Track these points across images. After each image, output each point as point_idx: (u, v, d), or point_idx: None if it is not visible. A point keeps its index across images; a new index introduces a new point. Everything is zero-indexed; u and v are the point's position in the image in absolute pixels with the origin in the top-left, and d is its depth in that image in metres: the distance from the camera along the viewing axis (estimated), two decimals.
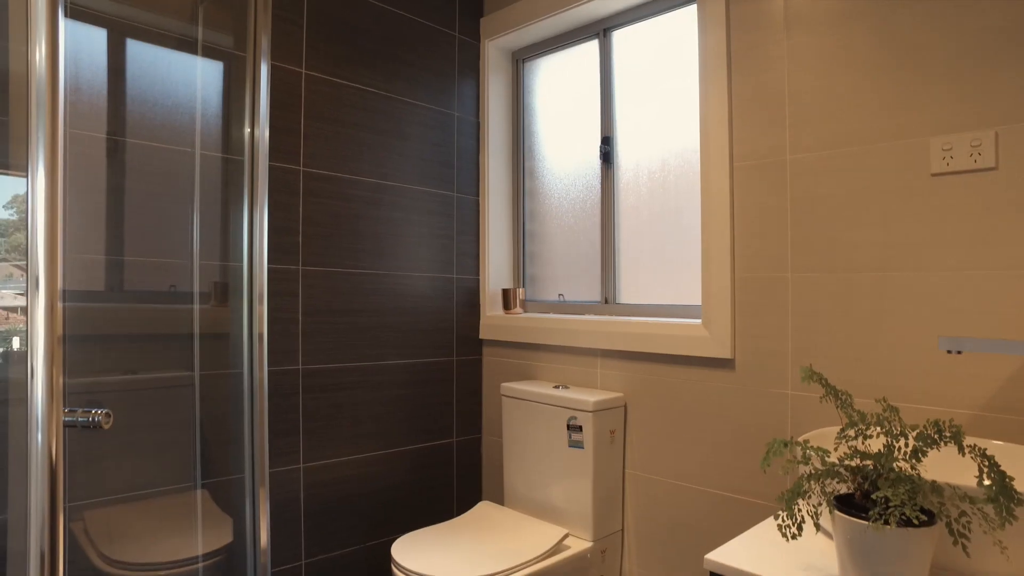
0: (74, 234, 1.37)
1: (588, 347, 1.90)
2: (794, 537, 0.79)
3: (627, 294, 1.98)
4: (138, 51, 1.45)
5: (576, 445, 1.75)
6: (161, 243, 1.47)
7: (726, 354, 1.57)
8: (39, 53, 0.90)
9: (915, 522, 0.70)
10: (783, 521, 0.78)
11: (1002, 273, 1.19)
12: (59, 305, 0.80)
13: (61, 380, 0.78)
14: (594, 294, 2.07)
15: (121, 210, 1.43)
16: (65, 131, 1.02)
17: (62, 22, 0.93)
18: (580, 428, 1.74)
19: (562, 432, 1.78)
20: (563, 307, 2.14)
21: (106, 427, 0.74)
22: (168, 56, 1.50)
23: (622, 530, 1.81)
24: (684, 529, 1.67)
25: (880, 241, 1.34)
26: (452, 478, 2.16)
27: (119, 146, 1.43)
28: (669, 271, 1.87)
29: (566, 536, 1.69)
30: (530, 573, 1.53)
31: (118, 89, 1.43)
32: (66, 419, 0.72)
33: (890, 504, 0.71)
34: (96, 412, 0.75)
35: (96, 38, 1.41)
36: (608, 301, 2.01)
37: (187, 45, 1.52)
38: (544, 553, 1.59)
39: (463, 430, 2.19)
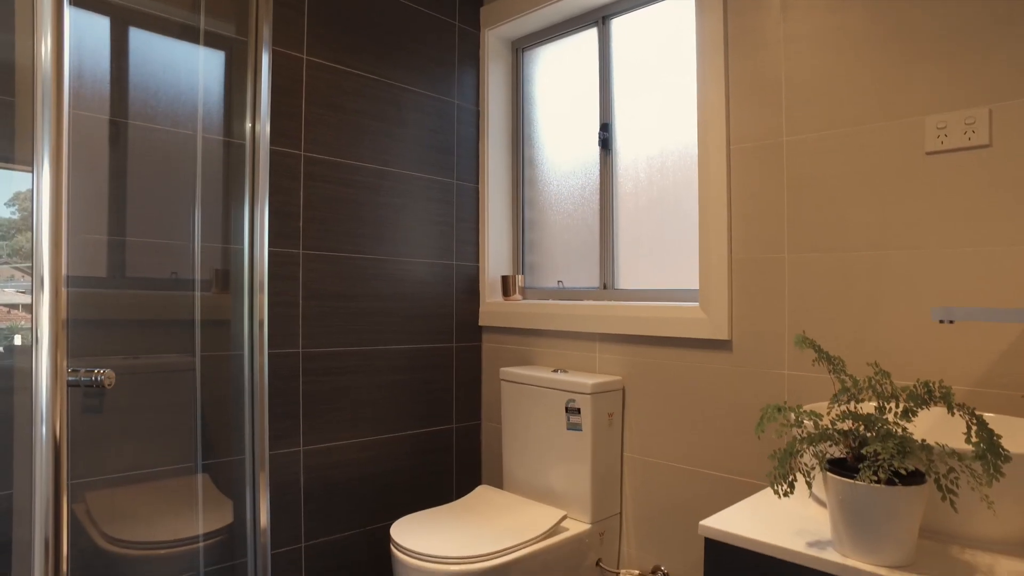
0: (77, 222, 1.38)
1: (587, 331, 1.91)
2: (786, 495, 0.80)
3: (626, 280, 1.99)
4: (141, 39, 1.47)
5: (574, 428, 1.76)
6: (163, 233, 1.49)
7: (723, 335, 1.58)
8: (44, 47, 0.91)
9: (903, 472, 0.71)
10: (775, 479, 0.79)
11: (997, 249, 1.20)
12: (63, 291, 0.82)
13: (65, 363, 0.80)
14: (593, 280, 2.08)
15: (124, 198, 1.44)
16: (69, 126, 1.04)
17: (67, 13, 0.95)
18: (578, 411, 1.75)
19: (560, 415, 1.79)
20: (562, 293, 2.15)
21: (108, 386, 0.75)
22: (171, 44, 1.51)
23: (620, 513, 1.82)
24: (682, 511, 1.68)
25: (876, 220, 1.35)
26: (451, 463, 2.17)
27: (122, 135, 1.44)
28: (667, 256, 1.88)
29: (564, 518, 1.70)
30: (527, 553, 1.54)
31: (121, 78, 1.44)
32: (69, 379, 0.74)
33: (879, 456, 0.72)
34: (99, 371, 0.76)
35: (99, 25, 1.42)
36: (607, 287, 2.02)
37: (189, 33, 1.54)
38: (542, 534, 1.60)
39: (462, 416, 2.21)
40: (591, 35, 2.09)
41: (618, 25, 2.01)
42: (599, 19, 2.04)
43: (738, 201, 1.57)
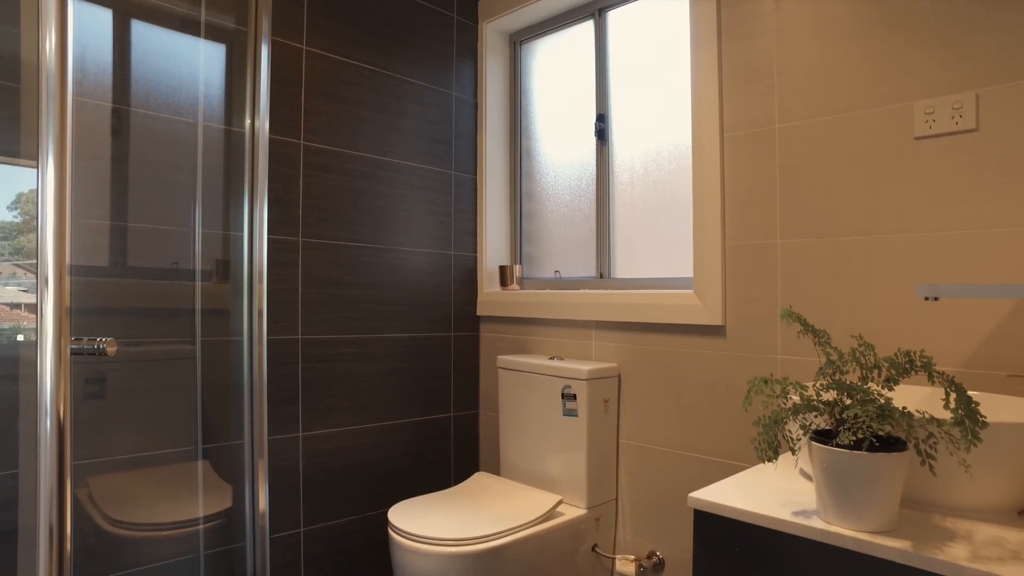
0: (79, 211, 1.40)
1: (583, 320, 1.93)
2: (770, 460, 0.82)
3: (622, 269, 2.01)
4: (142, 31, 1.49)
5: (570, 414, 1.78)
6: (165, 222, 1.51)
7: (717, 321, 1.60)
8: (49, 43, 0.93)
9: (881, 434, 0.73)
10: (759, 445, 0.81)
11: (984, 232, 1.22)
12: (67, 279, 0.84)
13: (69, 351, 0.82)
14: (590, 270, 2.10)
15: (125, 187, 1.47)
16: (73, 120, 1.06)
17: (71, 8, 0.97)
18: (574, 397, 1.77)
19: (557, 402, 1.81)
20: (559, 283, 2.17)
21: (111, 354, 0.77)
22: (172, 36, 1.54)
23: (616, 499, 1.84)
24: (678, 497, 1.70)
25: (866, 205, 1.37)
26: (449, 451, 2.19)
27: (123, 125, 1.47)
28: (663, 246, 1.90)
29: (559, 503, 1.72)
30: (523, 536, 1.56)
31: (123, 70, 1.47)
32: (73, 347, 0.76)
33: (859, 418, 0.74)
34: (101, 340, 0.78)
35: (102, 17, 1.44)
36: (603, 276, 2.04)
37: (190, 26, 1.56)
38: (537, 518, 1.62)
39: (460, 405, 2.23)
40: (587, 27, 2.11)
41: (614, 17, 2.04)
42: (595, 11, 2.06)
43: (731, 188, 1.59)
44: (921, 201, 1.30)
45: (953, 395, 0.77)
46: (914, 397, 1.19)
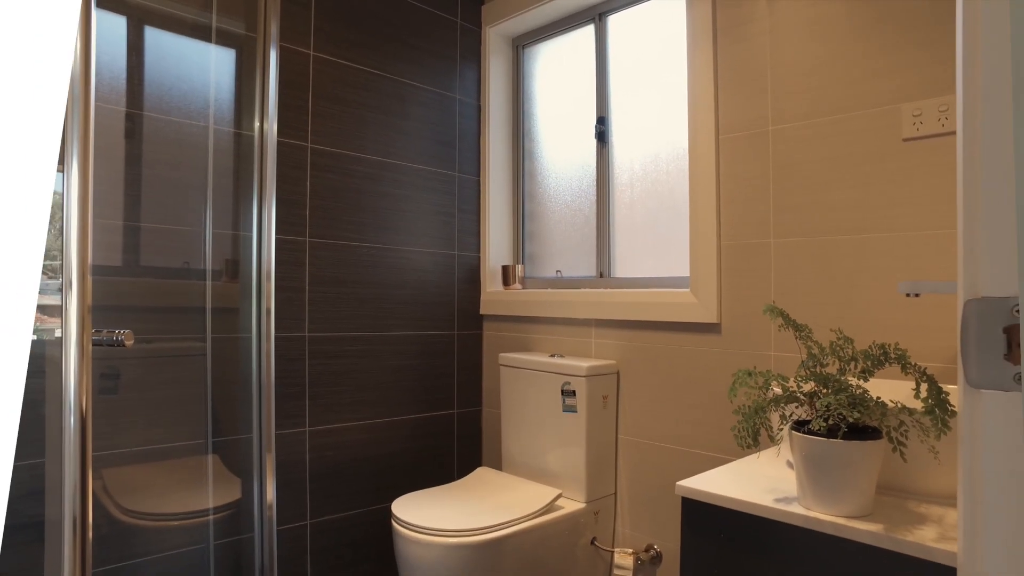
0: (96, 215, 1.46)
1: (583, 318, 1.97)
2: (749, 447, 0.86)
3: (621, 268, 2.05)
4: (156, 38, 1.55)
5: (570, 410, 1.82)
6: (176, 224, 1.57)
7: (712, 319, 1.64)
8: (74, 55, 0.98)
9: (850, 418, 0.77)
10: (739, 433, 0.85)
11: None
12: (89, 278, 0.89)
13: (91, 348, 0.87)
14: (590, 269, 2.14)
15: (139, 194, 1.52)
16: (94, 129, 1.11)
17: (95, 17, 1.01)
18: (574, 393, 1.81)
19: (557, 398, 1.85)
20: (560, 282, 2.21)
21: (128, 346, 0.82)
22: (184, 42, 1.59)
23: (615, 493, 1.88)
24: (675, 491, 1.74)
25: (857, 205, 1.41)
26: (452, 447, 2.24)
27: (138, 132, 1.52)
28: (662, 245, 1.94)
29: (559, 496, 1.76)
30: (523, 528, 1.60)
31: (137, 75, 1.52)
32: (93, 338, 0.81)
33: (831, 407, 0.78)
34: (119, 332, 0.83)
35: (117, 25, 1.50)
36: (603, 275, 2.08)
37: (202, 31, 1.62)
38: (537, 511, 1.66)
39: (463, 402, 2.27)
40: (588, 32, 2.15)
41: (614, 22, 2.08)
42: (596, 16, 2.11)
43: (726, 189, 1.63)
44: (910, 201, 1.33)
45: (924, 385, 0.81)
46: (900, 393, 1.22)
